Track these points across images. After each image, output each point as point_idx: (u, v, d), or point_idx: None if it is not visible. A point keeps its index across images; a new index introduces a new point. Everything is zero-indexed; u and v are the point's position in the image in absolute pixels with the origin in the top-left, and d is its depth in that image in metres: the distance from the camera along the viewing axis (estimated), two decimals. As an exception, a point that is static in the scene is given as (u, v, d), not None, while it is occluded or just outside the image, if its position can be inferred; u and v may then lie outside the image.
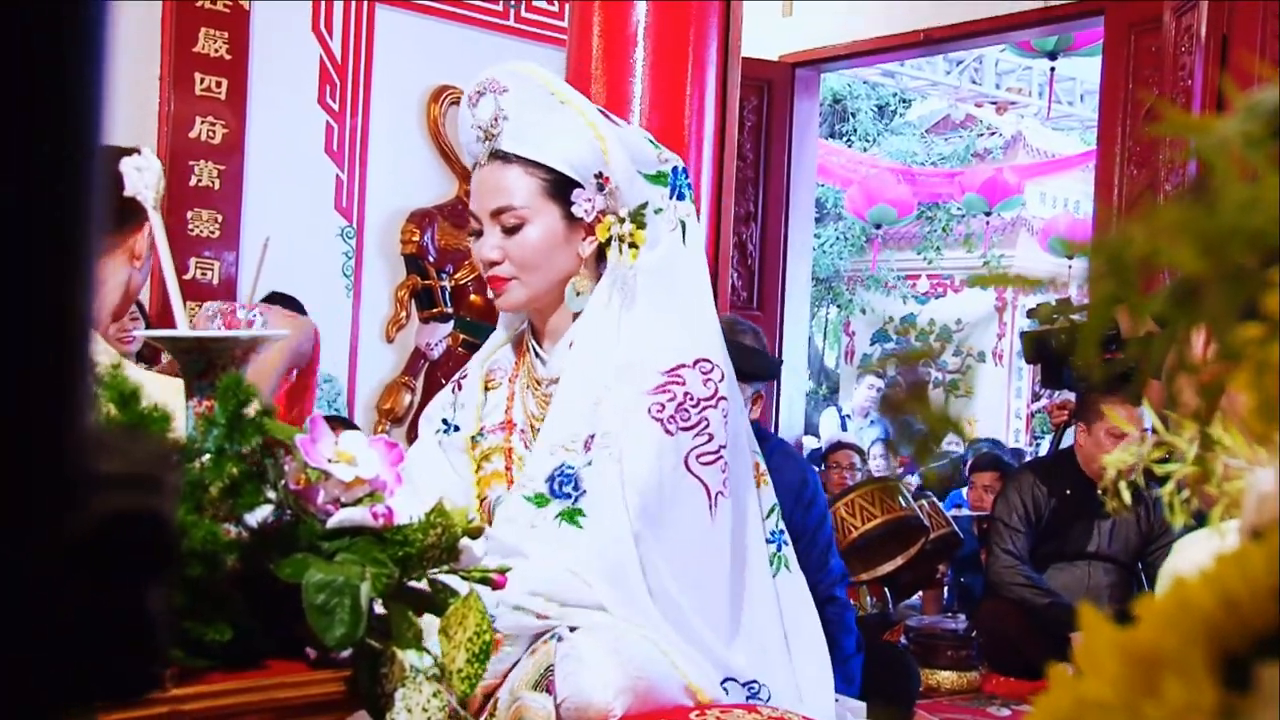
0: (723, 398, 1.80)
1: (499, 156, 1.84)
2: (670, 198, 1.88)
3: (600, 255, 1.88)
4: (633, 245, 1.85)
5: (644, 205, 1.86)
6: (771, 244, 6.65)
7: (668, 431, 1.75)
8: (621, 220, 1.85)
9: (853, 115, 13.44)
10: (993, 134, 13.61)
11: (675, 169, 1.89)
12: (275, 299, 5.05)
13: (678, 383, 1.78)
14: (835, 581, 3.33)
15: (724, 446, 1.79)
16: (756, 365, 3.23)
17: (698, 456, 1.76)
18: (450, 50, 5.66)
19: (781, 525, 1.96)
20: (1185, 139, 0.35)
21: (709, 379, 1.80)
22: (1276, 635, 0.34)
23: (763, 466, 1.97)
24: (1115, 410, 3.67)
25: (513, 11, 5.87)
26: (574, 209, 1.83)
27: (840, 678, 3.08)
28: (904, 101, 13.85)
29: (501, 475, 1.92)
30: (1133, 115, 5.23)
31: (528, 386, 1.94)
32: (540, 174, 1.83)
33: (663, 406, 1.76)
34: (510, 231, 1.84)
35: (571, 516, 1.74)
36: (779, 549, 1.93)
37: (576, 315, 1.88)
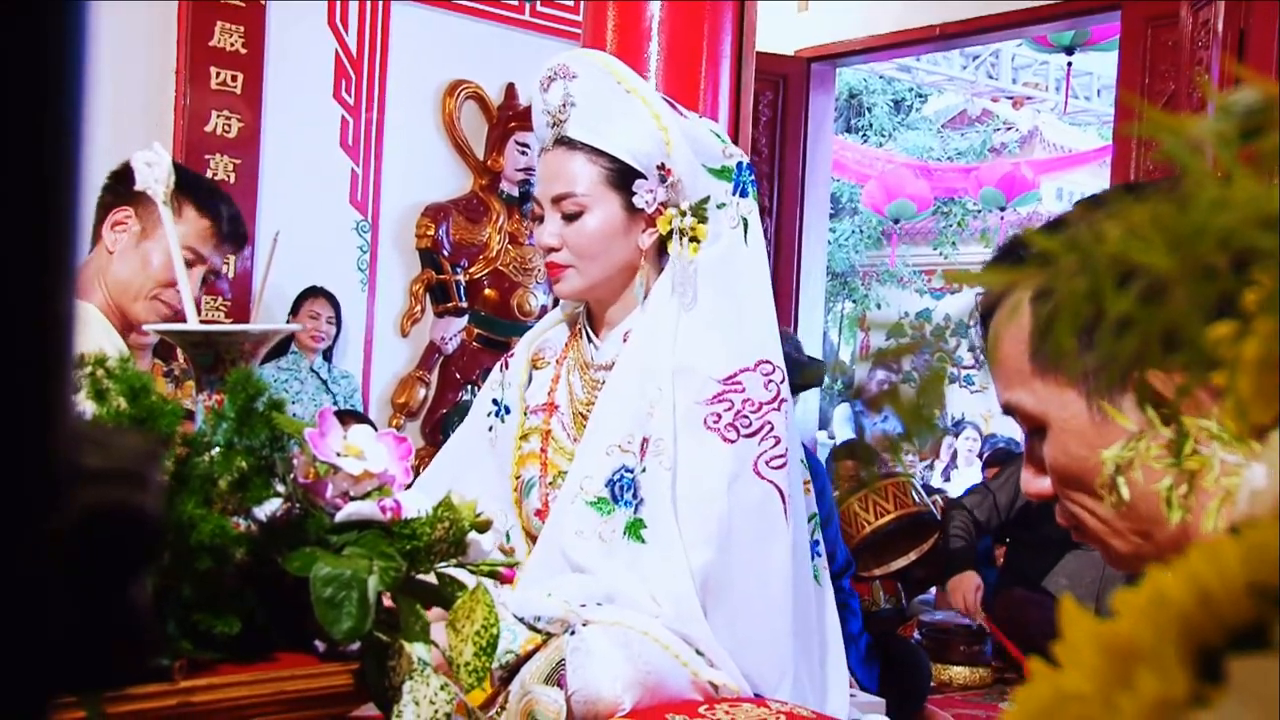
0: (784, 400, 1.78)
1: (564, 143, 1.83)
2: (734, 194, 1.85)
3: (662, 249, 1.86)
4: (693, 239, 1.83)
5: (706, 199, 1.84)
6: (787, 238, 6.64)
7: (727, 439, 1.73)
8: (683, 213, 1.82)
9: (868, 110, 13.44)
10: (1009, 129, 13.59)
11: (740, 164, 1.87)
12: (313, 292, 5.15)
13: (736, 390, 1.75)
14: (840, 571, 3.33)
15: (789, 449, 1.77)
16: (807, 377, 3.33)
17: (767, 461, 1.74)
18: (466, 45, 5.68)
19: (819, 535, 1.92)
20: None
21: (770, 381, 1.77)
22: (1248, 629, 0.34)
23: (807, 474, 1.92)
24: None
25: (528, 6, 5.88)
26: (635, 199, 1.81)
27: (853, 659, 3.09)
28: (920, 96, 13.84)
29: (536, 456, 1.91)
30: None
31: (575, 368, 1.93)
32: (603, 162, 1.81)
33: (719, 416, 1.74)
34: (570, 219, 1.82)
35: (636, 530, 1.73)
36: (813, 559, 1.89)
37: (637, 307, 1.87)
